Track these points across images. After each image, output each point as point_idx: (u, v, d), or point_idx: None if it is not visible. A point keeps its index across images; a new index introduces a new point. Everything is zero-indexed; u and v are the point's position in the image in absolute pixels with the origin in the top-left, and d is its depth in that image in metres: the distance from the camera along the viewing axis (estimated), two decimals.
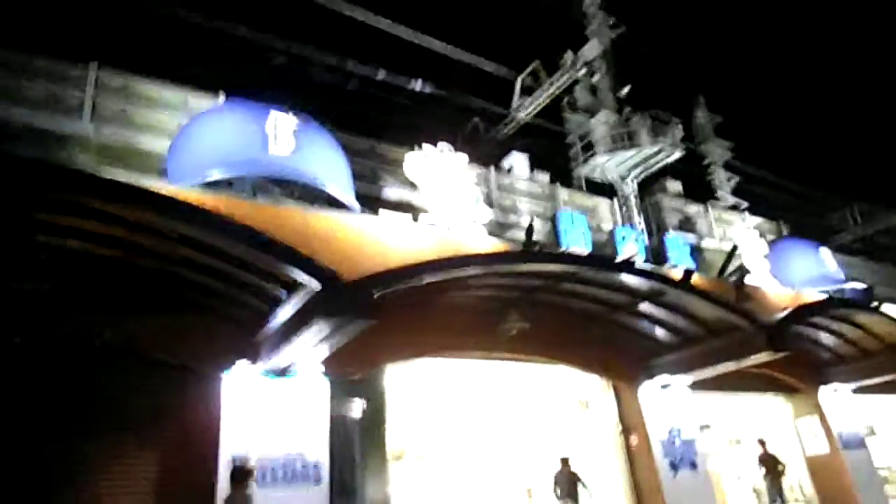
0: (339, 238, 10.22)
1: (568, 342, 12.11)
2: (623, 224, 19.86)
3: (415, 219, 11.57)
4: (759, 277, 17.12)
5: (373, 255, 9.92)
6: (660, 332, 12.21)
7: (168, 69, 14.25)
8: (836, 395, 15.91)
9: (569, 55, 22.59)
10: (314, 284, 7.00)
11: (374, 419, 10.60)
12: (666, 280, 10.76)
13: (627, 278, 10.34)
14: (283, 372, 8.92)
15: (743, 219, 22.01)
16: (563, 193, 19.32)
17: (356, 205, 11.94)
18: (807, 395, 16.07)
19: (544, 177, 19.74)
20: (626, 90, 22.13)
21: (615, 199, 20.38)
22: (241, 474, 7.52)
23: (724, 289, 13.72)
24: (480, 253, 9.07)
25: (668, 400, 12.91)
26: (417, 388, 13.38)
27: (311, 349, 8.01)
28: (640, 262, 14.01)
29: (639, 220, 19.81)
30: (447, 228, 11.92)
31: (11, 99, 11.87)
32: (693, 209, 21.20)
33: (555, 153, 22.60)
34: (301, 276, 7.05)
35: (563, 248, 13.32)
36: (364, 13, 20.85)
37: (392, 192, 15.05)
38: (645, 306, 11.37)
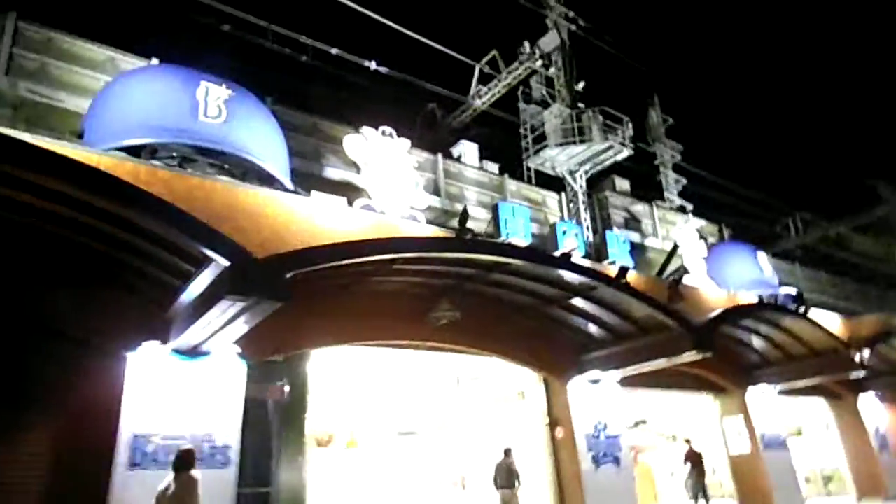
0: (266, 215, 9.76)
1: (500, 334, 12.03)
2: (570, 219, 20.02)
3: (350, 202, 11.21)
4: (697, 278, 17.40)
5: (300, 235, 9.51)
6: (592, 328, 12.24)
7: (101, 30, 13.47)
8: (762, 397, 16.34)
9: (526, 46, 22.49)
10: (222, 261, 6.62)
11: (295, 404, 10.30)
12: (599, 276, 10.74)
13: (561, 273, 10.26)
14: (193, 352, 8.51)
15: (686, 220, 22.37)
16: (511, 185, 19.24)
17: (289, 182, 11.51)
18: (734, 395, 16.47)
19: (494, 167, 19.62)
20: (580, 85, 22.18)
21: (563, 194, 20.47)
22: (185, 460, 6.92)
23: (658, 288, 13.81)
24: (404, 237, 8.80)
25: (596, 395, 12.99)
26: (348, 373, 13.15)
27: (221, 329, 7.62)
28: (577, 257, 14.23)
29: (585, 216, 19.92)
30: (382, 212, 11.61)
31: None
32: (639, 208, 21.44)
33: (510, 144, 22.46)
34: (209, 252, 6.66)
35: (502, 239, 13.16)
36: None
37: (333, 172, 14.67)
38: (578, 301, 11.35)
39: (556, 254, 13.63)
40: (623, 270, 12.85)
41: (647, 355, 11.79)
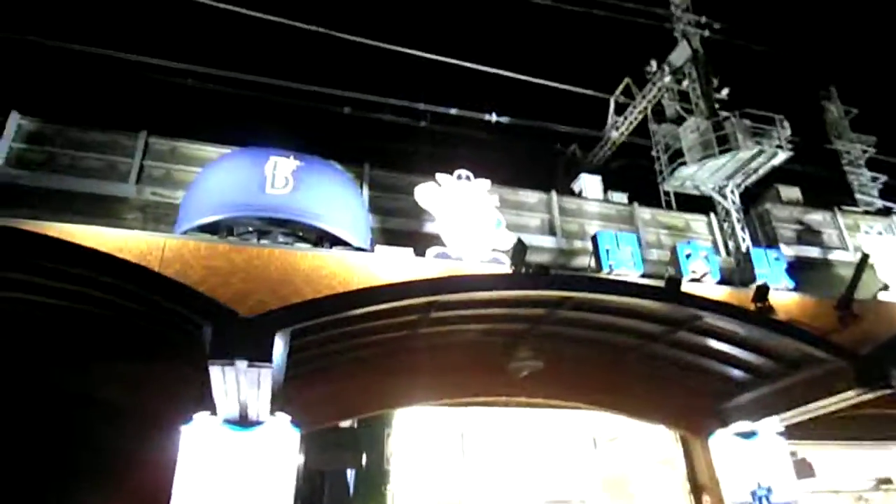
0: (324, 276, 9.63)
1: (608, 383, 10.27)
2: (727, 241, 17.22)
3: (418, 252, 10.66)
4: None
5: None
6: (722, 368, 9.90)
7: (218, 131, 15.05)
8: None
9: (653, 64, 20.64)
10: (205, 324, 6.41)
11: (373, 474, 9.65)
12: (706, 303, 8.66)
13: (647, 303, 8.47)
14: (244, 422, 8.37)
15: (888, 224, 17.98)
16: (643, 213, 17.18)
17: (361, 242, 11.35)
18: None
19: (622, 197, 17.78)
20: (724, 92, 19.56)
21: (714, 215, 17.75)
22: None
23: (819, 309, 10.93)
24: (435, 278, 7.88)
25: (753, 452, 10.35)
26: (468, 436, 12.26)
27: (245, 396, 7.37)
28: (710, 283, 11.96)
29: (743, 236, 16.97)
30: (458, 258, 10.85)
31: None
32: (817, 217, 17.69)
33: (652, 171, 20.41)
34: (193, 316, 6.51)
35: (605, 273, 11.49)
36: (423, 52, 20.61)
37: (431, 226, 14.33)
38: (690, 336, 9.27)
39: (687, 279, 11.84)
40: (761, 291, 10.47)
41: (798, 397, 9.13)
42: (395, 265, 9.89)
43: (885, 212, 18.97)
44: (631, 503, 12.32)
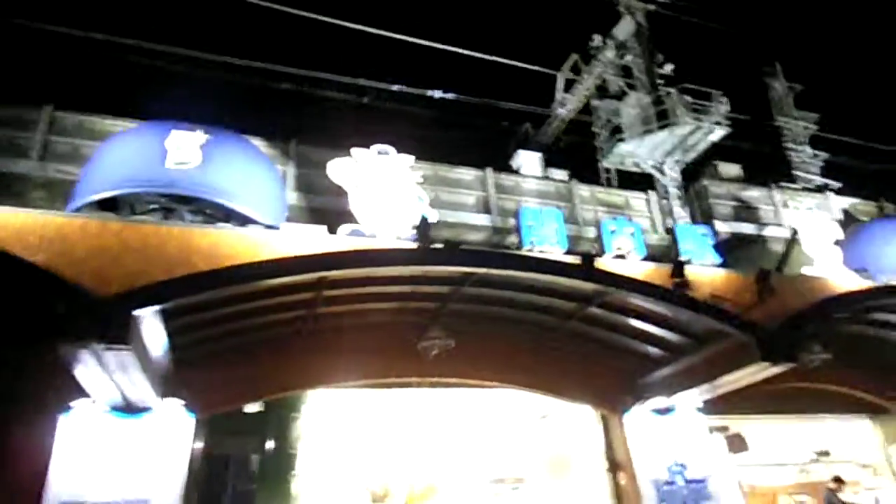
0: (225, 255, 9.12)
1: (522, 362, 10.05)
2: (666, 219, 17.17)
3: (332, 230, 10.22)
4: (826, 268, 13.63)
5: None
6: (638, 345, 9.77)
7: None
8: None
9: (597, 38, 20.33)
10: (58, 305, 5.94)
11: (277, 460, 9.32)
12: (614, 279, 8.45)
13: (560, 279, 8.22)
14: (129, 409, 7.94)
15: (820, 200, 18.13)
16: (581, 190, 16.99)
17: (276, 219, 10.86)
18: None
19: (562, 174, 17.57)
20: (668, 68, 19.37)
21: (654, 192, 17.66)
22: None
23: (741, 284, 10.85)
24: (311, 255, 7.47)
25: (667, 428, 10.29)
26: (401, 416, 11.99)
27: (117, 382, 6.93)
28: (635, 260, 11.81)
29: (681, 213, 16.93)
30: (372, 236, 10.45)
31: None
32: (753, 194, 17.72)
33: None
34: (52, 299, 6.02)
35: (526, 249, 11.23)
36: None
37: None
38: (601, 312, 9.08)
39: (609, 256, 11.67)
40: (677, 266, 10.32)
41: (709, 372, 9.04)
42: (300, 243, 9.45)
43: (822, 189, 19.09)
44: (564, 481, 12.24)
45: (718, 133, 16.66)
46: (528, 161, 17.46)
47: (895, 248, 15.04)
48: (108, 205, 10.18)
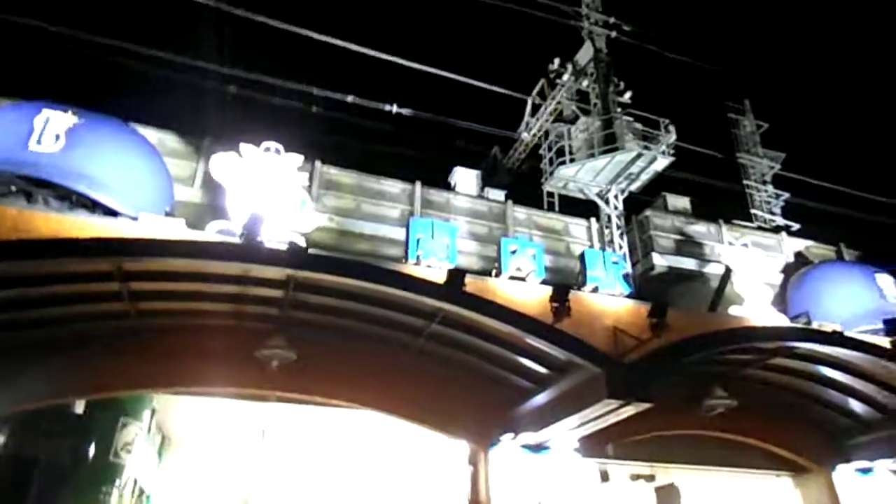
0: None
1: (373, 381, 9.27)
2: (604, 248, 16.38)
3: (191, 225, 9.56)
4: (753, 308, 12.74)
5: None
6: (504, 373, 8.96)
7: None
8: (859, 479, 11.01)
9: (556, 62, 19.86)
10: None
11: (97, 464, 8.54)
12: (450, 295, 7.70)
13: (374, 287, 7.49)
14: None
15: (777, 239, 17.28)
16: (518, 212, 16.28)
17: (147, 210, 10.21)
18: (818, 476, 11.37)
19: (498, 194, 16.90)
20: (627, 95, 18.79)
21: (597, 221, 16.92)
22: None
23: (636, 317, 10.03)
24: (100, 238, 6.85)
25: (537, 466, 9.39)
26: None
27: None
28: (534, 282, 11.02)
29: (621, 242, 16.15)
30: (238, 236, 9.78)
31: None
32: (700, 229, 16.87)
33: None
34: None
35: (411, 262, 10.51)
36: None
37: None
38: (452, 331, 8.32)
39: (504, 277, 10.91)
40: (559, 292, 9.50)
41: (568, 408, 8.19)
42: (155, 235, 8.82)
43: (778, 229, 18.22)
44: None
45: (662, 162, 15.95)
46: (464, 179, 16.82)
47: (837, 294, 14.24)
48: None
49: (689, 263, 15.88)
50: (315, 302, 8.15)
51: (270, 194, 10.61)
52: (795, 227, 18.99)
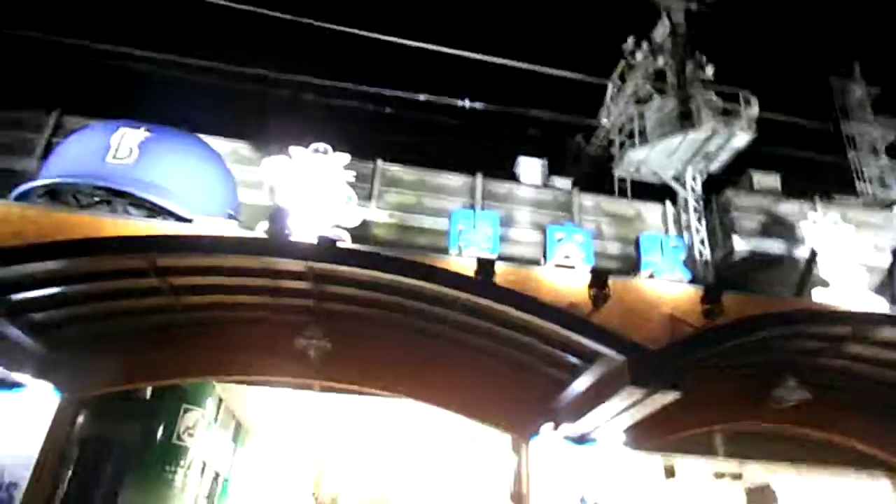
0: None
1: (409, 370, 9.37)
2: (680, 233, 15.47)
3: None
4: (841, 291, 11.45)
5: None
6: (533, 361, 8.75)
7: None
8: None
9: (630, 41, 18.94)
10: None
11: (156, 450, 9.36)
12: (455, 281, 7.62)
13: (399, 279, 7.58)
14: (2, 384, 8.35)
15: (891, 217, 15.38)
16: (585, 200, 15.77)
17: (214, 213, 11.04)
18: None
19: (565, 182, 16.41)
20: (709, 71, 17.55)
21: (673, 205, 15.99)
22: None
23: (692, 304, 9.39)
24: (137, 236, 7.43)
25: (581, 459, 9.06)
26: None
27: None
28: (582, 270, 10.68)
29: (699, 227, 15.15)
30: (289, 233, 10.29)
31: None
32: (793, 208, 15.37)
33: None
34: None
35: (453, 252, 10.50)
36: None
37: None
38: (478, 321, 8.24)
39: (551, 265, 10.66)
40: (596, 278, 9.14)
41: (594, 399, 7.84)
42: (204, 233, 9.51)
43: (890, 204, 16.20)
44: None
45: (742, 138, 14.76)
46: (528, 168, 16.49)
47: None
48: (53, 195, 10.90)
49: (776, 247, 14.58)
50: (343, 293, 8.39)
51: (316, 192, 11.05)
52: None
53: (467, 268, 8.73)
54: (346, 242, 10.29)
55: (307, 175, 11.19)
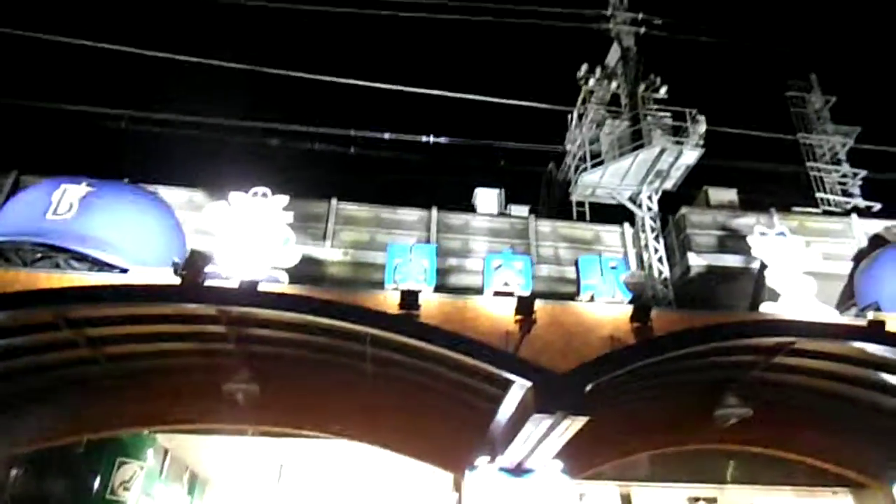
0: None
1: (339, 409, 9.29)
2: (640, 253, 15.44)
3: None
4: (791, 303, 11.32)
5: None
6: (457, 391, 8.66)
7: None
8: None
9: (583, 68, 19.20)
10: None
11: (83, 502, 9.26)
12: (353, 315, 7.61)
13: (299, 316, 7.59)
14: None
15: (846, 223, 15.27)
16: (542, 226, 15.78)
17: (153, 264, 11.15)
18: (877, 493, 9.78)
19: (522, 210, 16.46)
20: (662, 91, 17.73)
21: (631, 226, 15.97)
22: None
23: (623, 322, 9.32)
24: (46, 289, 7.50)
25: (523, 493, 8.86)
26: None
27: None
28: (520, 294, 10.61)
29: (657, 246, 15.11)
30: (227, 278, 10.32)
31: None
32: (748, 221, 15.27)
33: None
34: None
35: (388, 287, 10.49)
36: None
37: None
38: (399, 356, 8.20)
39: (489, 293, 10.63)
40: (522, 302, 9.11)
41: (513, 427, 7.73)
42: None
43: (849, 212, 16.08)
44: None
45: (691, 155, 14.83)
46: (485, 199, 16.60)
47: None
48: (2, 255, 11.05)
49: (733, 260, 14.46)
50: (264, 335, 8.41)
51: (253, 235, 11.16)
52: (877, 206, 16.72)
53: (371, 303, 8.70)
54: (282, 284, 10.36)
55: (244, 219, 11.34)
